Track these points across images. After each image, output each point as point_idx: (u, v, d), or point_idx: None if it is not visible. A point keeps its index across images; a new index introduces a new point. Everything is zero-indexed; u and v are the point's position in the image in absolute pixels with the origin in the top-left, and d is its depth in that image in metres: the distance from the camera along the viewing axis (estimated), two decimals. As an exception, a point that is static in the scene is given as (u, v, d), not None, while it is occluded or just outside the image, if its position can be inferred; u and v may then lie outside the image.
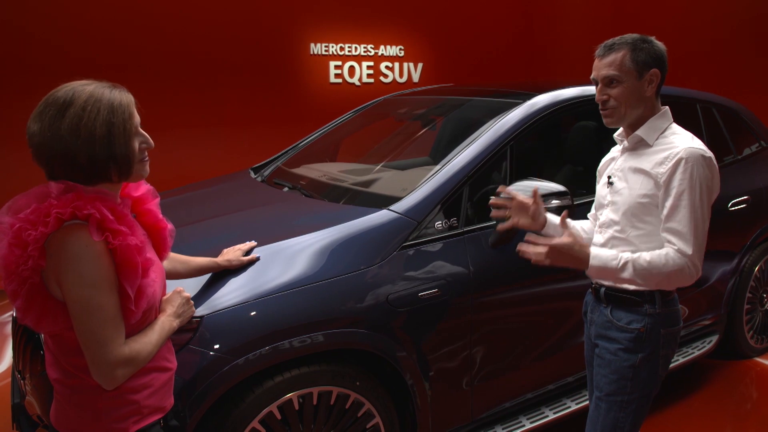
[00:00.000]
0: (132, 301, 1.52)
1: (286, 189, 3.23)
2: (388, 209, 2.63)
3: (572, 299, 3.04)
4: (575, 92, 3.29)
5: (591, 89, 3.37)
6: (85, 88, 1.51)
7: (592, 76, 2.14)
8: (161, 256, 1.79)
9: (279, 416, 2.27)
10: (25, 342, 2.54)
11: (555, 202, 2.60)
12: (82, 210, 1.45)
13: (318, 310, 2.33)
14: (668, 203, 1.99)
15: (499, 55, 9.09)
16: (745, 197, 3.81)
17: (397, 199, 2.68)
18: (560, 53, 9.12)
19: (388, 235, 2.54)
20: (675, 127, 2.14)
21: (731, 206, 3.73)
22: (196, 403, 2.12)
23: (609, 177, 2.20)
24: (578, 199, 3.05)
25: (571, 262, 2.02)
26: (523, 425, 2.88)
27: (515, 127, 2.94)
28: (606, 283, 2.17)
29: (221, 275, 2.32)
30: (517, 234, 2.77)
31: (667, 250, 1.98)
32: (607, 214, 2.19)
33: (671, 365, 3.48)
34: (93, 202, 1.47)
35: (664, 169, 2.01)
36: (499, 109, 3.10)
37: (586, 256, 2.01)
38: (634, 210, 2.08)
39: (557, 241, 1.99)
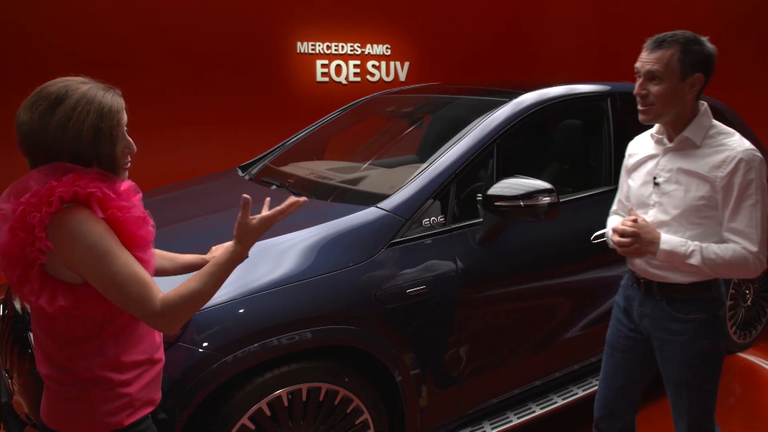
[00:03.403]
0: (147, 265, 1.57)
1: (274, 187, 3.23)
2: (377, 207, 2.64)
3: (558, 296, 3.07)
4: (561, 91, 3.32)
5: (577, 88, 3.41)
6: (80, 87, 1.52)
7: (636, 66, 2.12)
8: None
9: (268, 413, 2.28)
10: (12, 341, 2.53)
11: (545, 200, 2.61)
12: (85, 189, 1.46)
13: (306, 307, 2.33)
14: (730, 205, 2.03)
15: (485, 54, 9.11)
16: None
17: (385, 197, 2.69)
18: (547, 52, 9.17)
19: (377, 232, 2.56)
20: (718, 125, 2.15)
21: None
22: (185, 400, 2.12)
23: (655, 177, 2.19)
24: (563, 196, 3.08)
25: (644, 245, 2.07)
26: (511, 420, 2.90)
27: (502, 125, 2.96)
28: (659, 273, 2.19)
29: None
30: (503, 231, 2.79)
31: (733, 245, 2.04)
32: (655, 215, 2.19)
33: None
34: (93, 182, 1.49)
35: (722, 173, 2.03)
36: (486, 108, 3.12)
37: (657, 239, 2.07)
38: (689, 212, 2.10)
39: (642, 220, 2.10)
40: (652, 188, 2.20)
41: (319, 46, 7.93)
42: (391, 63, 8.49)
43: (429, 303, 2.58)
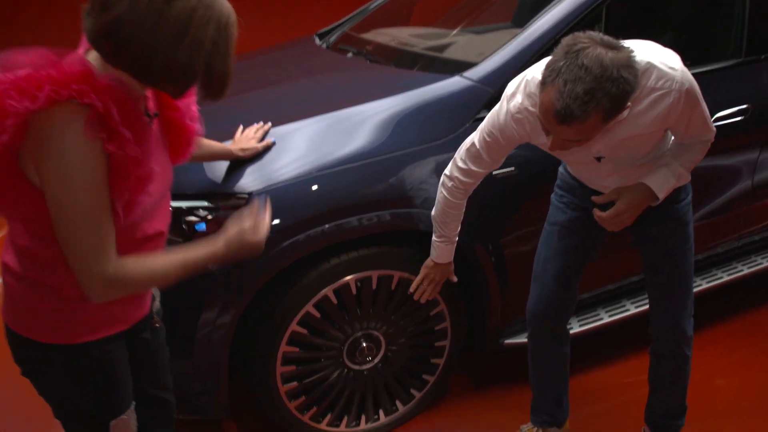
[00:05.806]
0: (119, 216, 1.28)
1: (350, 54, 2.99)
2: (462, 76, 2.37)
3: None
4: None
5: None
6: None
7: (546, 128, 1.68)
8: (174, 161, 1.52)
9: (335, 301, 2.16)
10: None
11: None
12: (84, 97, 1.17)
13: (382, 187, 2.17)
14: (682, 128, 1.87)
15: None
16: None
17: (471, 65, 2.41)
18: None
19: (461, 104, 2.30)
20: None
21: None
22: (251, 281, 2.04)
23: (598, 158, 1.94)
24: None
25: (643, 203, 1.95)
26: (602, 318, 2.69)
27: (612, -15, 2.54)
28: None
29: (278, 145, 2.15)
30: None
31: (697, 145, 1.95)
32: (612, 169, 1.97)
33: (746, 272, 3.14)
34: (100, 91, 1.19)
35: (671, 119, 1.79)
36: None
37: (648, 190, 1.93)
38: (645, 158, 1.96)
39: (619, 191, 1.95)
40: (594, 161, 1.95)
41: None
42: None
43: (517, 186, 2.35)
